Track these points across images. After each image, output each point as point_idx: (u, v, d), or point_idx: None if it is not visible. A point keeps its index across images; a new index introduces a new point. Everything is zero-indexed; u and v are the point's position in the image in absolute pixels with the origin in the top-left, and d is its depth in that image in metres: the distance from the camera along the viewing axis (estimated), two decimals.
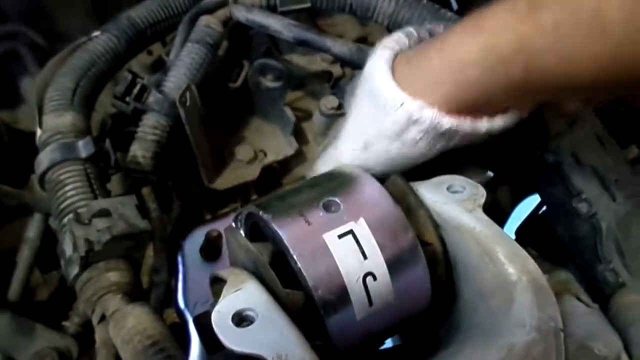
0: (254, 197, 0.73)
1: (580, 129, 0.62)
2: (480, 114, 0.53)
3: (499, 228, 0.52)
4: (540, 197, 0.66)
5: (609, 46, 0.43)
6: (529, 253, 0.72)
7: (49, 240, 0.60)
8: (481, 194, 0.55)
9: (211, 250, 0.65)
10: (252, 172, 0.73)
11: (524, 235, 0.84)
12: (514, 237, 0.78)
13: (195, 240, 0.67)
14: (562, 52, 0.45)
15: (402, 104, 0.53)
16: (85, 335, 0.56)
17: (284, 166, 0.77)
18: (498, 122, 0.54)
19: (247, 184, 0.73)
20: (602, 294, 0.60)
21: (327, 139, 0.77)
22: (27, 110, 0.74)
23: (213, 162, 0.71)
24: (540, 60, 0.46)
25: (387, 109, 0.54)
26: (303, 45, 0.68)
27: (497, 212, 1.05)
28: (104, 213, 0.47)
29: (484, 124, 0.54)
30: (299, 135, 0.78)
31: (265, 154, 0.76)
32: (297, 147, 0.76)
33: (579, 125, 0.62)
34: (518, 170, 0.73)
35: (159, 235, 0.60)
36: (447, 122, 0.52)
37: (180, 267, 0.67)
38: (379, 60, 0.56)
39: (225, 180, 0.72)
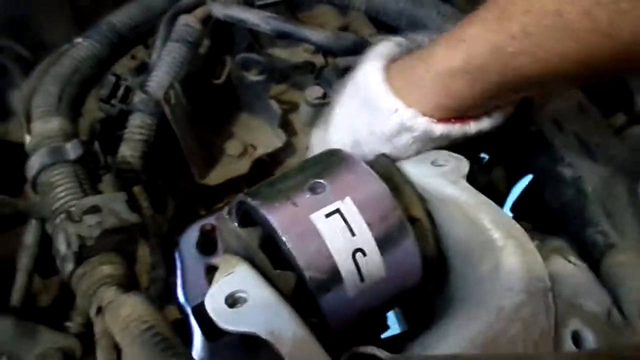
0: (245, 189, 0.75)
1: (560, 98, 0.63)
2: (468, 118, 0.57)
3: (483, 196, 0.53)
4: (528, 167, 0.67)
5: (575, 45, 0.47)
6: (523, 227, 0.74)
7: (47, 246, 0.61)
8: (464, 165, 0.56)
9: (207, 243, 0.66)
10: (242, 166, 0.74)
11: (519, 210, 0.85)
12: (510, 214, 0.79)
13: (191, 237, 0.68)
14: (533, 54, 0.49)
15: (396, 111, 0.56)
16: (88, 334, 0.57)
17: (274, 158, 0.78)
18: (485, 124, 0.58)
19: (238, 179, 0.74)
20: (593, 257, 0.60)
21: (315, 128, 0.78)
22: (17, 123, 0.75)
23: (203, 159, 0.72)
24: (515, 64, 0.50)
25: (382, 115, 0.58)
26: (282, 37, 0.69)
27: (493, 193, 1.06)
28: (95, 209, 0.48)
29: (472, 127, 0.58)
30: (286, 127, 0.79)
31: (254, 148, 0.77)
32: (286, 138, 0.77)
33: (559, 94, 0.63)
34: (510, 149, 0.74)
35: (153, 232, 0.61)
36: (438, 129, 0.56)
37: (178, 264, 0.69)
38: (373, 67, 0.60)
39: (217, 176, 0.73)
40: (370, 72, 0.59)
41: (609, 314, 0.50)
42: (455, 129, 0.57)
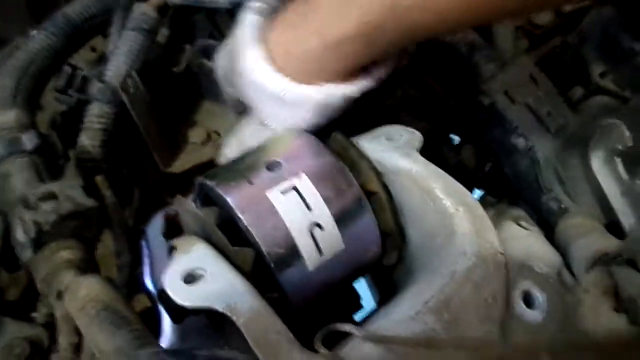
0: None
1: (511, 70, 0.64)
2: (362, 76, 0.57)
3: (435, 167, 0.54)
4: (483, 141, 0.68)
5: None
6: (488, 201, 0.76)
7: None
8: (417, 138, 0.57)
9: (172, 229, 0.67)
10: (207, 153, 0.74)
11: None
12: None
13: (157, 224, 0.69)
14: (425, 6, 0.50)
15: (283, 91, 0.55)
16: (55, 324, 0.58)
17: None
18: (379, 74, 0.58)
19: (204, 165, 0.75)
20: (550, 224, 0.62)
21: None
22: None
23: (167, 147, 0.73)
24: (410, 18, 0.50)
25: (270, 94, 0.57)
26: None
27: (463, 172, 1.08)
28: (51, 196, 0.48)
29: (367, 83, 0.57)
30: (250, 112, 0.80)
31: (218, 134, 0.77)
32: None
33: (510, 67, 0.64)
34: (466, 124, 0.75)
35: (117, 220, 0.61)
36: (333, 95, 0.55)
37: (145, 252, 0.69)
38: (250, 40, 0.57)
39: (181, 164, 0.73)
40: (247, 43, 0.57)
41: (560, 274, 0.51)
42: (350, 89, 0.56)
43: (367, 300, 0.76)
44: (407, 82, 1.10)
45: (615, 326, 0.44)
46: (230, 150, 0.65)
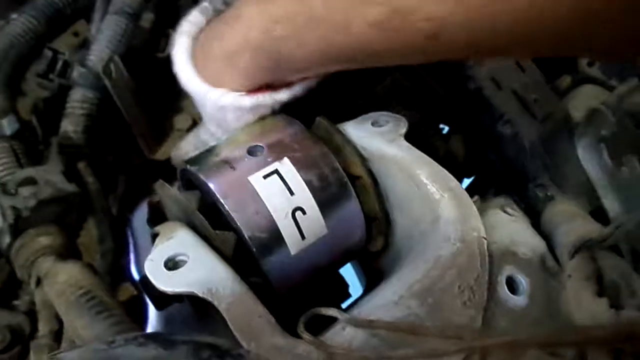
0: None
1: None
2: (280, 85, 0.57)
3: (420, 152, 0.54)
4: (471, 126, 0.68)
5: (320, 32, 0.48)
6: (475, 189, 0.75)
7: None
8: (402, 124, 0.56)
9: (156, 217, 0.66)
10: None
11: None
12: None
13: (142, 213, 0.68)
14: (298, 41, 0.50)
15: (208, 96, 0.56)
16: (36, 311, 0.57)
17: None
18: (297, 89, 0.57)
19: None
20: (537, 211, 0.62)
21: None
22: None
23: (152, 134, 0.72)
24: (283, 48, 0.51)
25: (199, 100, 0.59)
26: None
27: (451, 162, 1.07)
28: (30, 181, 0.47)
29: (283, 94, 0.56)
30: None
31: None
32: None
33: None
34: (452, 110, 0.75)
35: (100, 206, 0.60)
36: (248, 101, 0.56)
37: (131, 240, 0.69)
38: (180, 52, 0.59)
39: (167, 151, 0.72)
40: (177, 55, 0.59)
41: (543, 259, 0.51)
42: (266, 99, 0.56)
43: (355, 287, 0.76)
44: (398, 71, 1.10)
45: (597, 310, 0.44)
46: (186, 143, 0.65)
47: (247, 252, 0.49)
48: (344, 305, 0.66)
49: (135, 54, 0.68)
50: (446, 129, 1.20)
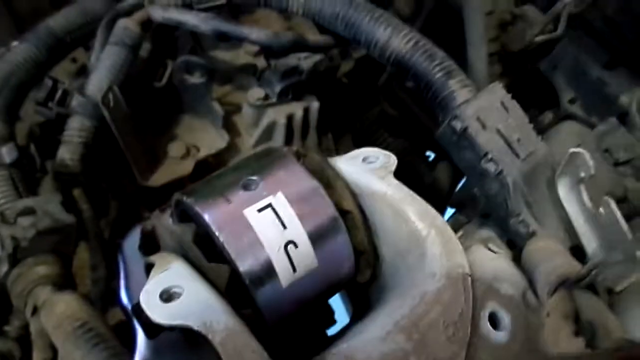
0: None
1: (484, 97, 0.66)
2: None
3: (408, 190, 0.56)
4: (456, 163, 0.71)
5: None
6: (459, 221, 0.78)
7: None
8: (392, 161, 0.59)
9: (148, 244, 0.67)
10: (186, 167, 0.75)
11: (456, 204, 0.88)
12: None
13: (133, 239, 0.69)
14: None
15: None
16: (27, 337, 0.58)
17: (218, 159, 0.80)
18: None
19: (182, 180, 0.75)
20: (518, 246, 0.64)
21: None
22: None
23: (146, 161, 0.73)
24: None
25: None
26: (222, 37, 0.71)
27: (437, 190, 1.10)
28: (29, 211, 0.48)
29: None
30: (230, 128, 0.81)
31: (198, 149, 0.78)
32: (229, 139, 0.79)
33: (483, 93, 0.67)
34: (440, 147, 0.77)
35: (93, 233, 0.61)
36: None
37: (121, 265, 0.69)
38: None
39: (160, 177, 0.74)
40: None
41: (525, 296, 0.54)
42: None
43: (341, 314, 0.77)
44: (386, 101, 1.12)
45: (574, 350, 0.46)
46: None
47: (240, 284, 0.50)
48: (330, 332, 0.68)
49: (132, 83, 0.70)
50: (432, 156, 1.22)
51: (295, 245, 0.52)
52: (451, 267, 0.51)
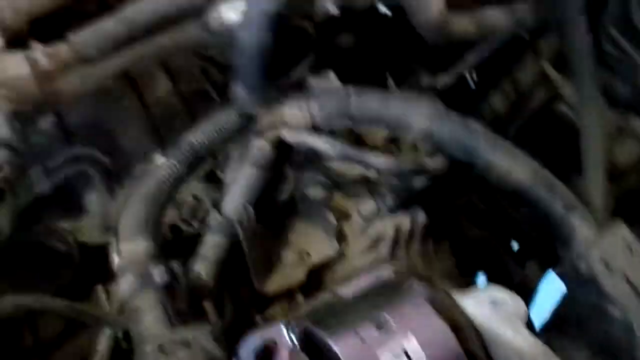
0: (299, 297, 0.78)
1: (608, 238, 0.66)
2: None
3: (544, 347, 0.56)
4: (574, 296, 0.70)
5: None
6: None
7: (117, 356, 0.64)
8: (522, 307, 0.59)
9: (265, 357, 0.69)
10: (298, 275, 0.78)
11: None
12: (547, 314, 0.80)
13: (250, 345, 0.71)
14: None
15: None
16: None
17: (326, 266, 0.82)
18: None
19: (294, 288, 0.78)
20: None
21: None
22: (90, 223, 0.81)
23: (264, 268, 0.77)
24: None
25: None
26: (347, 160, 0.75)
27: (525, 291, 1.08)
28: (185, 344, 0.52)
29: None
30: (339, 235, 0.83)
31: (309, 255, 0.81)
32: (338, 247, 0.81)
33: (608, 235, 0.66)
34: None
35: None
36: None
37: None
38: None
39: (274, 285, 0.77)
40: None
41: None
42: None
43: None
44: (476, 192, 1.12)
45: None
46: None
47: None
48: None
49: (260, 201, 0.74)
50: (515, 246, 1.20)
51: None
52: None
